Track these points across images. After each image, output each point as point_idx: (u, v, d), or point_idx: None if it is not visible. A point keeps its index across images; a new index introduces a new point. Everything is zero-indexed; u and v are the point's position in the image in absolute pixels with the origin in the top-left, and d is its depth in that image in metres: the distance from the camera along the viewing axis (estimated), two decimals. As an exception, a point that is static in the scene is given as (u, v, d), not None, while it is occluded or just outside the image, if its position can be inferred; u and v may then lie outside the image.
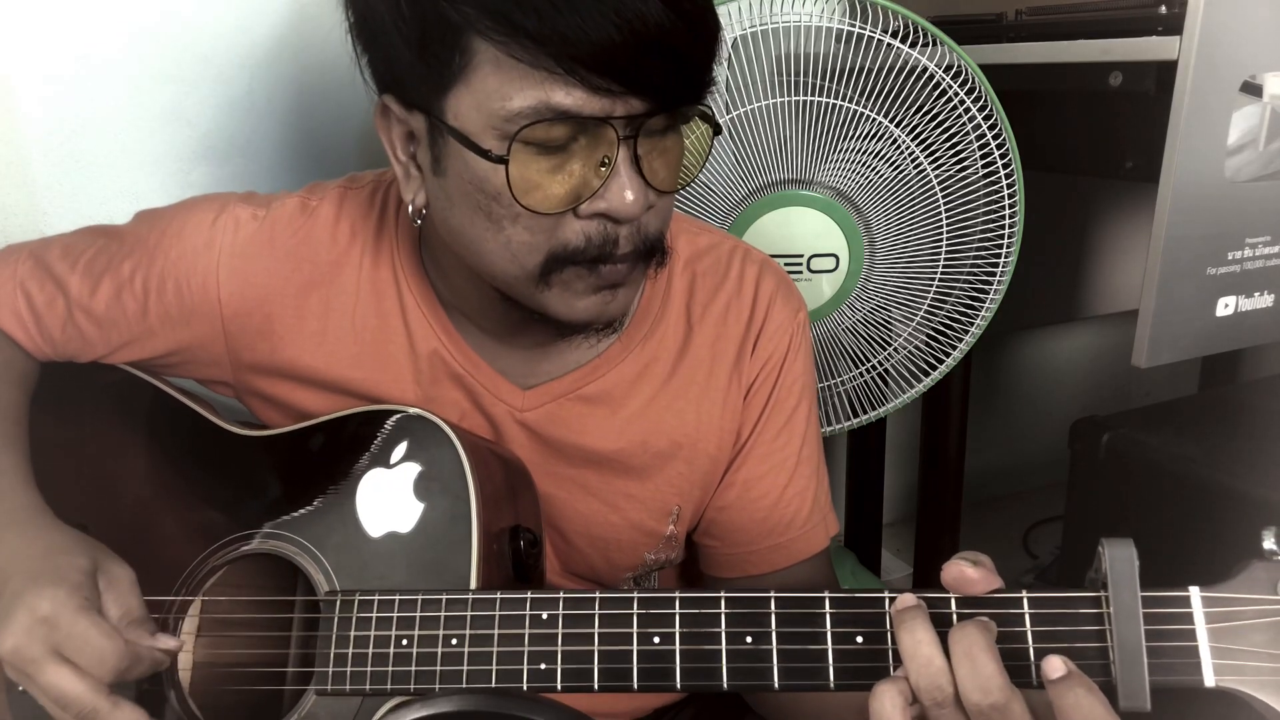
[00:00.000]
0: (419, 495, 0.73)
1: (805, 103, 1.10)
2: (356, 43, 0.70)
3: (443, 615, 0.66)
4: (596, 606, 0.63)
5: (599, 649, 0.63)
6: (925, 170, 1.14)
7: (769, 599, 0.60)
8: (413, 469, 0.74)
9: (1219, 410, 1.44)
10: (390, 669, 0.67)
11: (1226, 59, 1.01)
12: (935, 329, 1.24)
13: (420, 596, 0.68)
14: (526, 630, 0.64)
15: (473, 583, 0.70)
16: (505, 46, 0.61)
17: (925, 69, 1.09)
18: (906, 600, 0.57)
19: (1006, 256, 1.18)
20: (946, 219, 1.16)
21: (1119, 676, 0.53)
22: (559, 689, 0.63)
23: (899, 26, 1.09)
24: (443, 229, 0.74)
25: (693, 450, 0.85)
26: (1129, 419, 1.33)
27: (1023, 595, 0.57)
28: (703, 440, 0.85)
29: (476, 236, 0.70)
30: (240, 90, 1.18)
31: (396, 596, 0.68)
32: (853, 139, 1.13)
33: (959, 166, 1.14)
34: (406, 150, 0.72)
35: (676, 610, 0.62)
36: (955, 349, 1.24)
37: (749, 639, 0.60)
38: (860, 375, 1.26)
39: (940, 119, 1.12)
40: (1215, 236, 1.08)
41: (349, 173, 0.87)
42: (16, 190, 1.11)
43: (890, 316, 1.23)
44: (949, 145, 1.13)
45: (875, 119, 1.11)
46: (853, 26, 1.09)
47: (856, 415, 1.28)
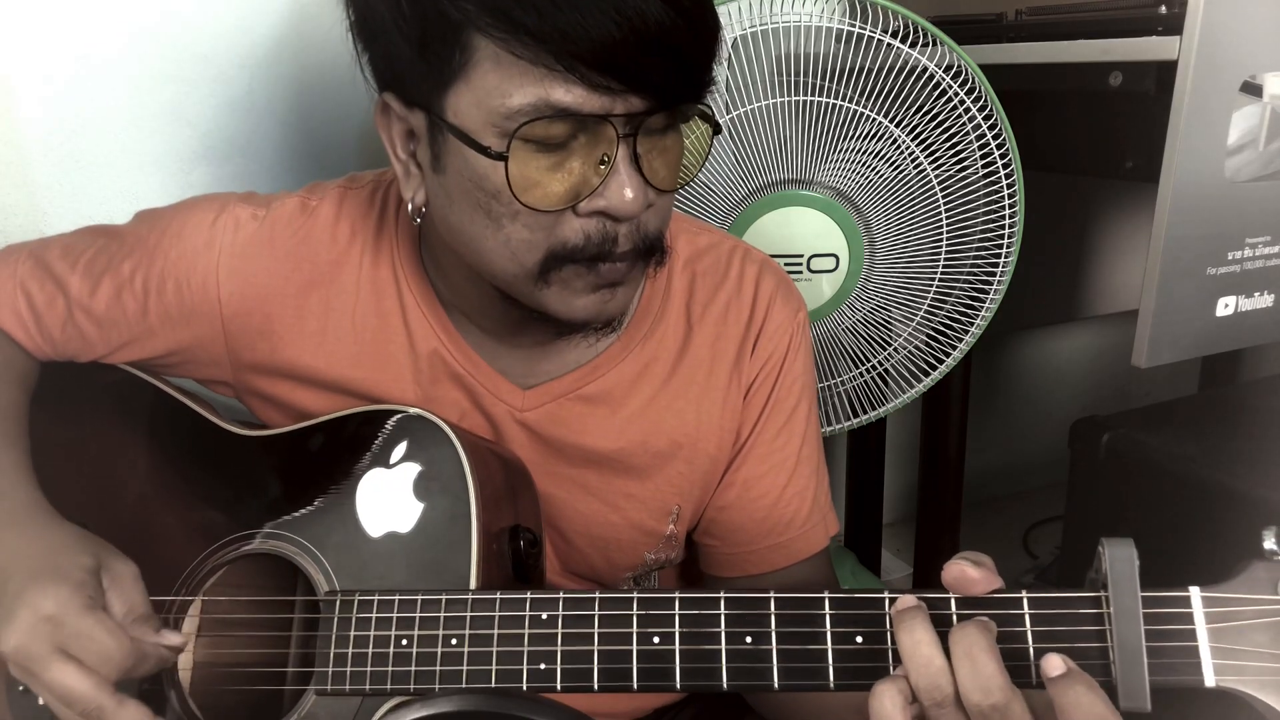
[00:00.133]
0: (419, 495, 0.73)
1: (805, 103, 1.10)
2: (357, 40, 0.70)
3: (442, 615, 0.66)
4: (596, 607, 0.63)
5: (598, 649, 0.63)
6: (925, 170, 1.14)
7: (768, 599, 0.60)
8: (412, 469, 0.74)
9: (1219, 410, 1.44)
10: (390, 669, 0.67)
11: (1226, 59, 1.01)
12: (935, 329, 1.24)
13: (420, 597, 0.68)
14: (526, 630, 0.64)
15: (472, 583, 0.70)
16: (505, 43, 0.61)
17: (925, 69, 1.09)
18: (906, 601, 0.57)
19: (1006, 256, 1.18)
20: (946, 219, 1.16)
21: (1119, 676, 0.53)
22: (558, 689, 0.63)
23: (899, 26, 1.09)
24: (442, 227, 0.74)
25: (692, 450, 0.85)
26: (1129, 419, 1.33)
27: (1022, 595, 0.57)
28: (702, 440, 0.85)
29: (476, 234, 0.70)
30: (240, 90, 1.18)
31: (396, 596, 0.68)
32: (853, 139, 1.13)
33: (959, 166, 1.14)
34: (406, 148, 0.72)
35: (676, 610, 0.62)
36: (955, 349, 1.24)
37: (748, 639, 0.60)
38: (860, 375, 1.26)
39: (940, 119, 1.12)
40: (1215, 236, 1.08)
41: (349, 173, 0.87)
42: (16, 190, 1.11)
43: (890, 316, 1.23)
44: (949, 145, 1.13)
45: (875, 119, 1.11)
46: (853, 26, 1.09)
47: (856, 415, 1.28)
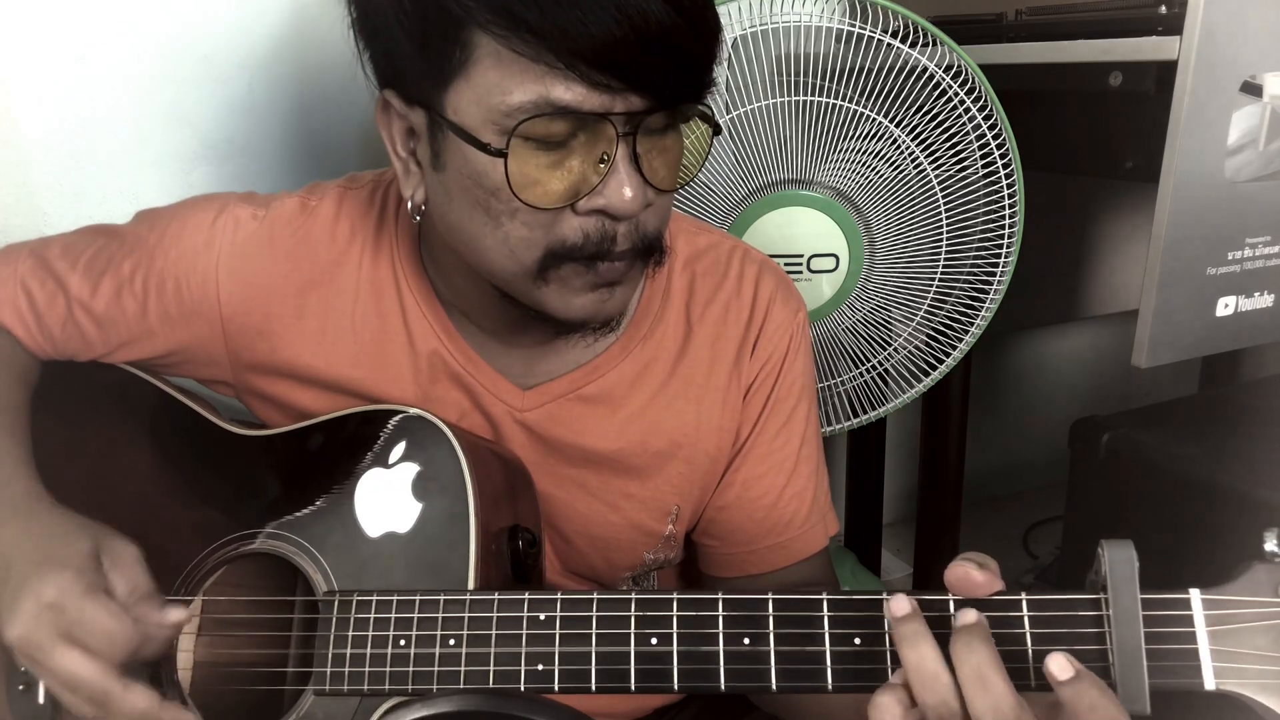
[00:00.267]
0: (417, 495, 0.73)
1: (805, 103, 1.10)
2: (358, 38, 0.70)
3: (440, 616, 0.66)
4: (594, 608, 0.63)
5: (596, 650, 0.62)
6: (925, 170, 1.14)
7: (766, 600, 0.60)
8: (411, 469, 0.74)
9: (1219, 410, 1.44)
10: (388, 669, 0.67)
11: (1226, 59, 1.01)
12: (935, 329, 1.23)
13: (418, 597, 0.67)
14: (524, 631, 0.64)
15: (470, 583, 0.70)
16: (506, 40, 0.61)
17: (925, 69, 1.09)
18: (901, 607, 0.56)
19: (1006, 256, 1.18)
20: (946, 219, 1.16)
21: (1118, 679, 0.53)
22: (556, 690, 0.63)
23: (899, 26, 1.09)
24: (441, 225, 0.74)
25: (692, 450, 0.85)
26: (1129, 419, 1.33)
27: (1021, 597, 0.56)
28: (702, 440, 0.85)
29: (475, 232, 0.70)
30: (240, 90, 1.18)
31: (395, 597, 0.68)
32: (853, 139, 1.13)
33: (959, 166, 1.14)
34: (406, 146, 0.72)
35: (674, 612, 0.62)
36: (955, 349, 1.24)
37: (746, 640, 0.60)
38: (860, 375, 1.26)
39: (940, 119, 1.12)
40: (1215, 236, 1.08)
41: (349, 173, 0.87)
42: (16, 190, 1.11)
43: (890, 316, 1.23)
44: (949, 145, 1.13)
45: (875, 119, 1.11)
46: (853, 26, 1.09)
47: (856, 415, 1.28)
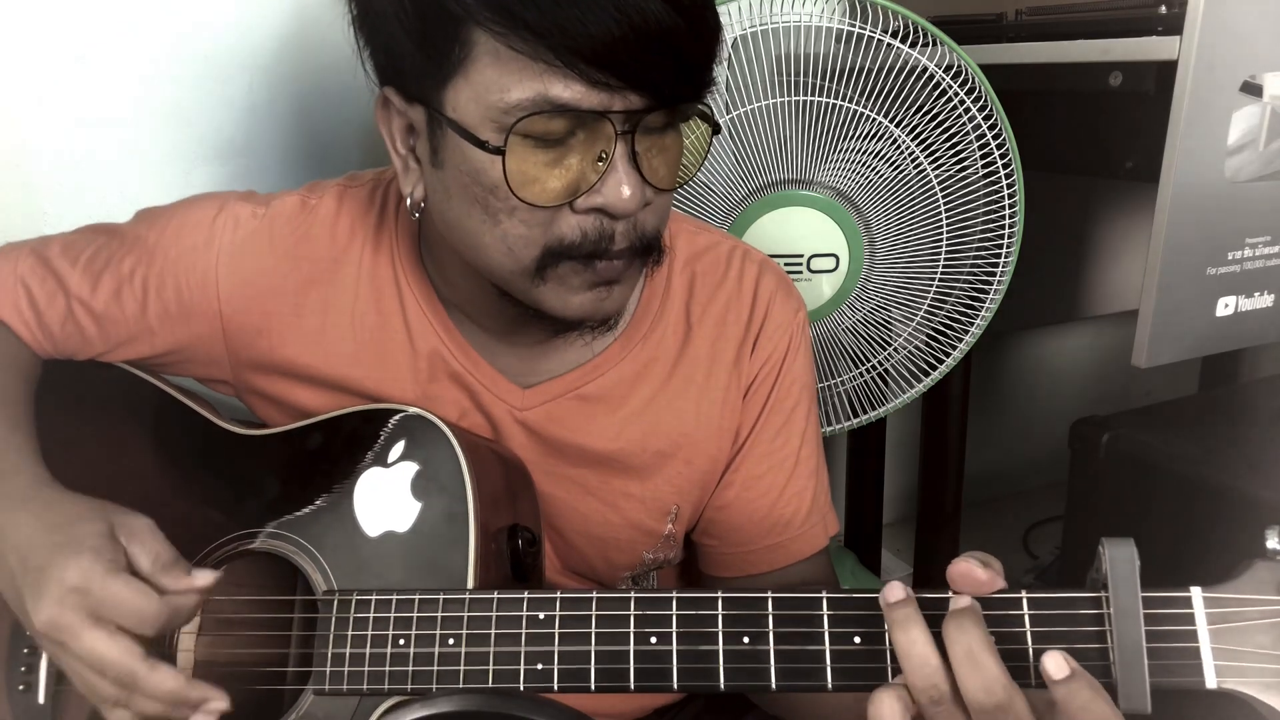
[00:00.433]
0: (417, 494, 0.73)
1: (805, 103, 1.10)
2: (358, 35, 0.70)
3: (440, 615, 0.66)
4: (594, 607, 0.63)
5: (596, 649, 0.62)
6: (925, 170, 1.14)
7: (766, 599, 0.60)
8: (410, 468, 0.74)
9: (1219, 410, 1.44)
10: (387, 669, 0.67)
11: (1226, 59, 1.01)
12: (935, 329, 1.23)
13: (417, 596, 0.67)
14: (523, 630, 0.64)
15: (470, 582, 0.70)
16: (504, 38, 0.61)
17: (925, 69, 1.09)
18: (895, 593, 0.56)
19: (1006, 256, 1.18)
20: (946, 219, 1.16)
21: (1119, 677, 0.53)
22: (555, 689, 0.63)
23: (899, 26, 1.09)
24: (440, 223, 0.74)
25: (692, 450, 0.85)
26: (1129, 419, 1.33)
27: (1022, 595, 0.56)
28: (702, 440, 0.85)
29: (473, 230, 0.70)
30: (240, 90, 1.18)
31: (394, 596, 0.68)
32: (853, 139, 1.13)
33: (959, 166, 1.14)
34: (406, 143, 0.72)
35: (674, 611, 0.62)
36: (955, 349, 1.24)
37: (746, 639, 0.60)
38: (860, 375, 1.26)
39: (940, 119, 1.12)
40: (1215, 236, 1.08)
41: (349, 171, 0.87)
42: (17, 189, 1.11)
43: (890, 316, 1.23)
44: (949, 145, 1.13)
45: (875, 119, 1.11)
46: (853, 26, 1.09)
47: (856, 415, 1.27)
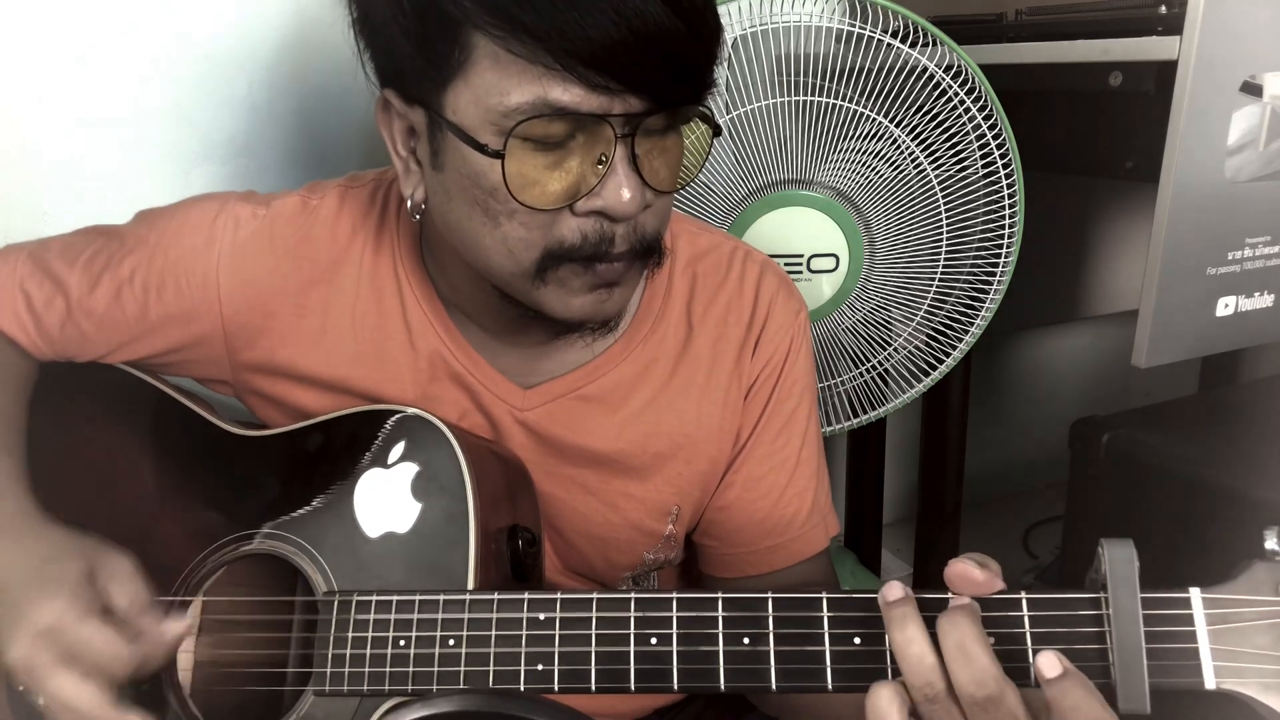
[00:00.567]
0: (417, 495, 0.73)
1: (805, 103, 1.10)
2: (359, 37, 0.70)
3: (440, 616, 0.66)
4: (594, 608, 0.63)
5: (596, 650, 0.62)
6: (925, 170, 1.14)
7: (766, 600, 0.60)
8: (410, 469, 0.74)
9: (1219, 410, 1.44)
10: (388, 669, 0.67)
11: (1226, 59, 1.01)
12: (935, 329, 1.23)
13: (418, 597, 0.67)
14: (524, 631, 0.64)
15: (470, 583, 0.70)
16: (504, 41, 0.61)
17: (925, 69, 1.09)
18: (894, 592, 0.56)
19: (1006, 256, 1.18)
20: (946, 219, 1.16)
21: (1118, 678, 0.53)
22: (556, 690, 0.63)
23: (899, 26, 1.09)
24: (441, 224, 0.74)
25: (692, 450, 0.85)
26: (1129, 419, 1.33)
27: (1021, 596, 0.56)
28: (703, 440, 0.85)
29: (474, 232, 0.70)
30: (240, 90, 1.18)
31: (394, 597, 0.68)
32: (853, 139, 1.13)
33: (959, 166, 1.14)
34: (407, 145, 0.72)
35: (674, 612, 0.62)
36: (955, 349, 1.24)
37: (746, 640, 0.60)
38: (860, 375, 1.26)
39: (940, 119, 1.12)
40: (1215, 236, 1.08)
41: (349, 172, 0.87)
42: (17, 189, 1.11)
43: (890, 316, 1.23)
44: (949, 145, 1.13)
45: (875, 119, 1.11)
46: (853, 26, 1.09)
47: (856, 415, 1.27)
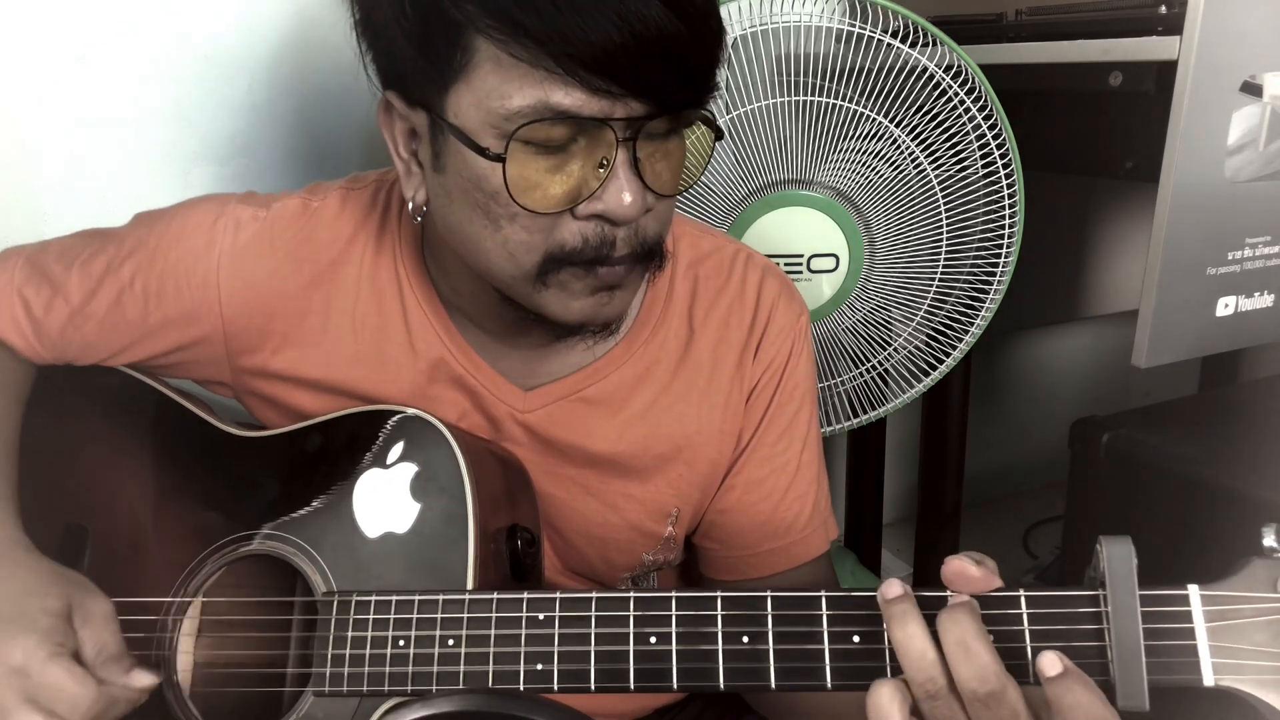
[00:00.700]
0: (416, 495, 0.73)
1: (805, 103, 1.10)
2: (361, 39, 0.70)
3: (439, 616, 0.66)
4: (593, 607, 0.63)
5: (595, 649, 0.62)
6: (925, 170, 1.14)
7: (765, 598, 0.60)
8: (409, 469, 0.74)
9: (1219, 410, 1.44)
10: (387, 669, 0.67)
11: (1226, 59, 1.01)
12: (935, 329, 1.23)
13: (417, 597, 0.67)
14: (523, 631, 0.64)
15: (469, 583, 0.70)
16: (505, 45, 0.61)
17: (925, 69, 1.09)
18: (893, 589, 0.56)
19: (1006, 256, 1.18)
20: (946, 219, 1.16)
21: (1117, 675, 0.53)
22: (555, 689, 0.63)
23: (899, 26, 1.09)
24: (442, 227, 0.74)
25: (693, 453, 0.85)
26: (1129, 419, 1.33)
27: (1020, 594, 0.56)
28: (703, 443, 0.85)
29: (475, 235, 0.70)
30: (240, 90, 1.18)
31: (393, 597, 0.68)
32: (853, 139, 1.13)
33: (959, 166, 1.14)
34: (408, 147, 0.72)
35: (673, 611, 0.62)
36: (955, 349, 1.24)
37: (745, 638, 0.60)
38: (860, 375, 1.26)
39: (940, 119, 1.12)
40: (1215, 236, 1.08)
41: (351, 173, 0.87)
42: (17, 189, 1.11)
43: (890, 316, 1.23)
44: (949, 145, 1.13)
45: (875, 119, 1.11)
46: (853, 26, 1.09)
47: (856, 415, 1.28)
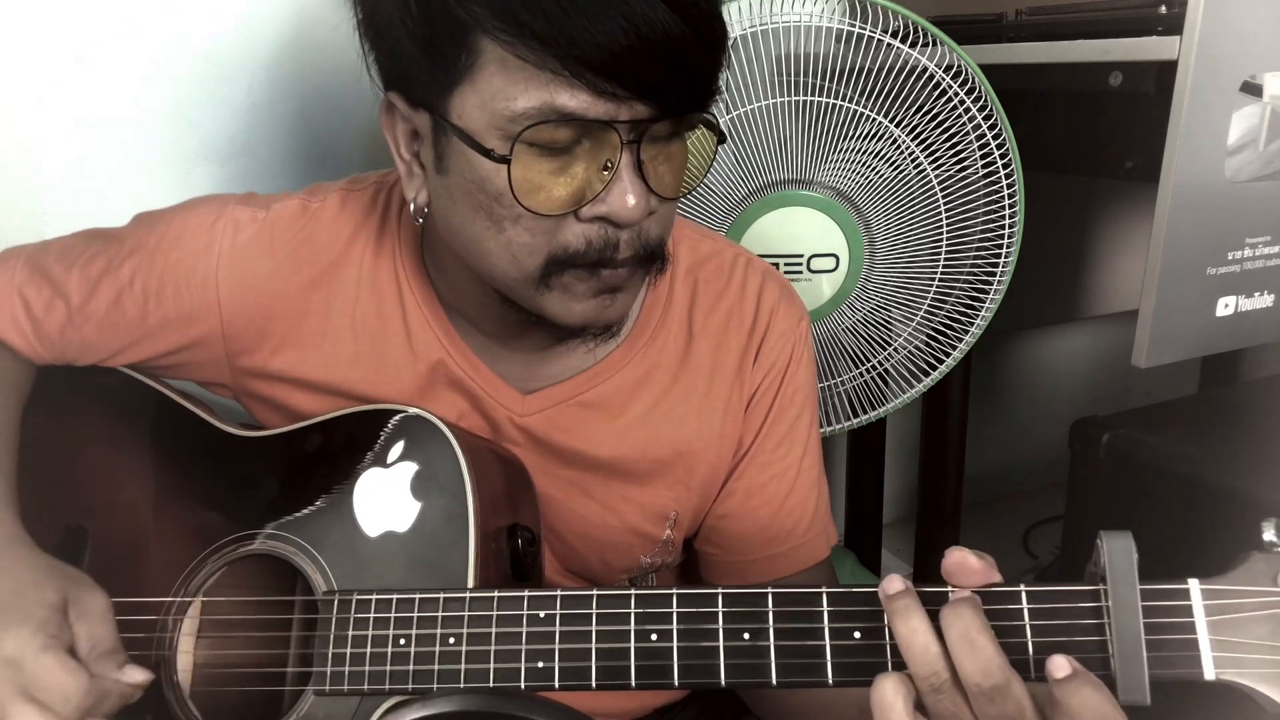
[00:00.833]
0: (416, 494, 0.73)
1: (805, 103, 1.10)
2: (364, 39, 0.70)
3: (440, 615, 0.66)
4: (594, 605, 0.63)
5: (596, 647, 0.62)
6: (925, 170, 1.14)
7: (766, 595, 0.60)
8: (410, 468, 0.74)
9: (1219, 410, 1.44)
10: (388, 669, 0.67)
11: (1226, 59, 1.01)
12: (935, 329, 1.24)
13: (418, 596, 0.67)
14: (524, 629, 0.64)
15: (470, 581, 0.70)
16: (511, 47, 0.61)
17: (925, 69, 1.09)
18: (894, 585, 0.56)
19: (1006, 256, 1.18)
20: (946, 219, 1.16)
21: (1118, 670, 0.53)
22: (557, 687, 0.63)
23: (899, 26, 1.09)
24: (444, 228, 0.74)
25: (692, 458, 0.85)
26: (1129, 419, 1.33)
27: (1021, 590, 0.56)
28: (702, 448, 0.85)
29: (477, 236, 0.69)
30: (240, 90, 1.18)
31: (394, 596, 0.68)
32: (853, 139, 1.13)
33: (959, 166, 1.14)
34: (410, 148, 0.72)
35: (674, 608, 0.62)
36: (955, 349, 1.24)
37: (746, 635, 0.60)
38: (860, 375, 1.26)
39: (940, 119, 1.12)
40: (1215, 236, 1.08)
41: (351, 173, 0.87)
42: (17, 189, 1.11)
43: (890, 316, 1.23)
44: (949, 145, 1.13)
45: (875, 119, 1.11)
46: (853, 26, 1.09)
47: (856, 415, 1.28)
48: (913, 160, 1.14)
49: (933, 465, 1.60)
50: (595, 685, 0.62)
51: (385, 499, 0.74)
